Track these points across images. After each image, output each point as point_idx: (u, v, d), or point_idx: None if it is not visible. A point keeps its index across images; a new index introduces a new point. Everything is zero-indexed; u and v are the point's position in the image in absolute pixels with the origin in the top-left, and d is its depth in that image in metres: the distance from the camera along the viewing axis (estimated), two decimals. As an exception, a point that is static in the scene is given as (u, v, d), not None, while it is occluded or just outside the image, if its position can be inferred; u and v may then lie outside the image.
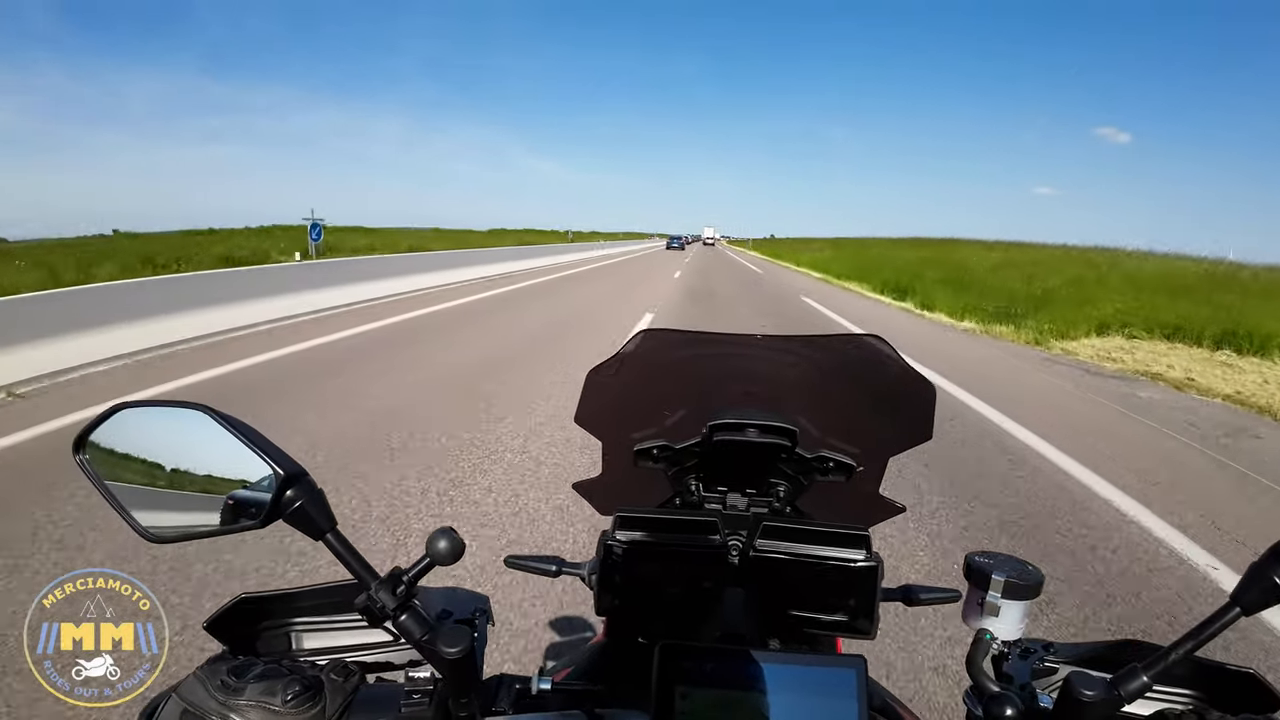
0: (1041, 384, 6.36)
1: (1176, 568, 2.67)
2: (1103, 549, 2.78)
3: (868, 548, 0.57)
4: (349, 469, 3.23)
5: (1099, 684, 0.42)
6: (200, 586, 2.10)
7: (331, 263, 13.00)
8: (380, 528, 2.65)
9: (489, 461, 3.43)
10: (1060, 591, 2.39)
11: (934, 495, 3.24)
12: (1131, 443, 4.44)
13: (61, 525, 2.53)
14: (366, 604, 0.45)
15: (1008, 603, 0.54)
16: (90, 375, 5.19)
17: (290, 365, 5.65)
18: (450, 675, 0.45)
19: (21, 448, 3.50)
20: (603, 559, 0.58)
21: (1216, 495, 3.52)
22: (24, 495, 2.81)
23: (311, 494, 0.45)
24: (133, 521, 0.45)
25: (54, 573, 2.15)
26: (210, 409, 0.45)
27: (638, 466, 0.71)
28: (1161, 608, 2.35)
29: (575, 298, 12.57)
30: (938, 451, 3.80)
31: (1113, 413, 5.27)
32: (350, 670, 0.49)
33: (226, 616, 0.51)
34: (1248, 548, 2.84)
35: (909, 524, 2.87)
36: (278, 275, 9.84)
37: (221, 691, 0.44)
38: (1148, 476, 3.72)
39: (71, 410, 4.11)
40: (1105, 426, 4.82)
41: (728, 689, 0.45)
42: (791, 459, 0.67)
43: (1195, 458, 4.21)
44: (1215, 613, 0.42)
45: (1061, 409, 5.33)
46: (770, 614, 0.58)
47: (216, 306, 7.43)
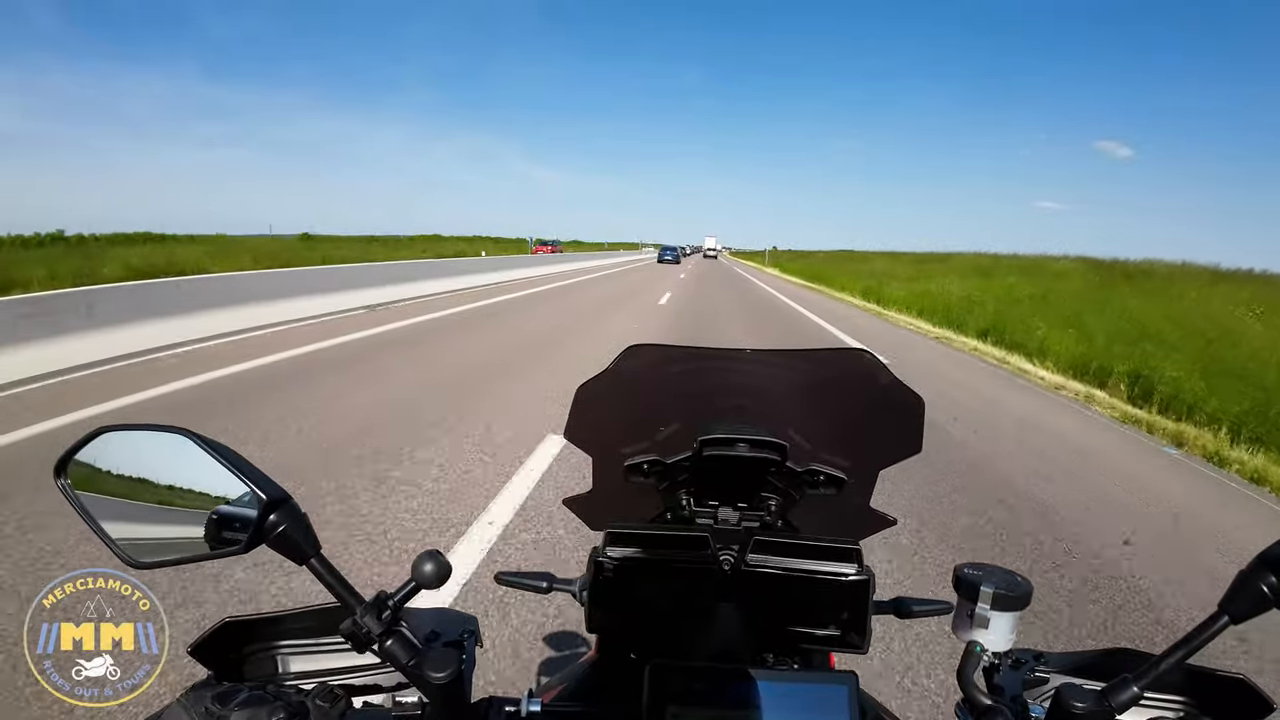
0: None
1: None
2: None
3: (859, 561, 0.57)
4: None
5: (1090, 696, 0.42)
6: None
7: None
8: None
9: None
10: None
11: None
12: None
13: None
14: (352, 629, 0.45)
15: (997, 614, 0.54)
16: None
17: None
18: (438, 700, 0.45)
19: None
20: (593, 575, 0.57)
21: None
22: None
23: (295, 518, 0.45)
24: (114, 546, 0.45)
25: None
26: (192, 433, 0.44)
27: (628, 482, 0.71)
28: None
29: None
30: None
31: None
32: (336, 695, 0.48)
33: (211, 640, 0.51)
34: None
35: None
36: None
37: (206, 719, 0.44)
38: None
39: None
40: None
41: (719, 709, 0.45)
42: (782, 473, 0.67)
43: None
44: (1204, 622, 0.42)
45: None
46: (762, 629, 0.58)
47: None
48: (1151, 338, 9.55)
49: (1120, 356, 8.42)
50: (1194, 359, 8.13)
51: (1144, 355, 8.33)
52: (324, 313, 9.58)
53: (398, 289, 12.69)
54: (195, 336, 7.20)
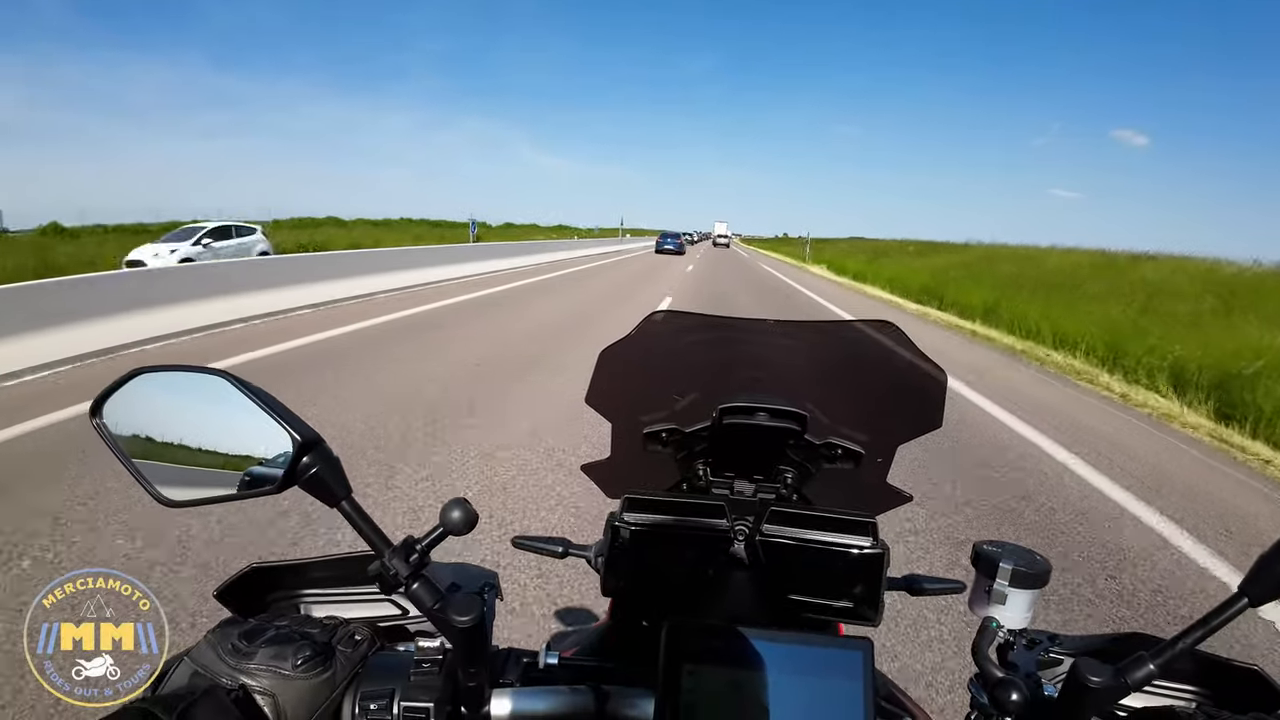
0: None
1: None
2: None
3: (874, 535, 0.57)
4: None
5: (1105, 671, 0.42)
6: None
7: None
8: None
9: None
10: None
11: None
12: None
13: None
14: (380, 571, 0.45)
15: (1015, 591, 0.54)
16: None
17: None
18: (460, 644, 0.45)
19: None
20: (610, 540, 0.58)
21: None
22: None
23: (328, 461, 0.45)
24: (149, 486, 0.45)
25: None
26: (228, 374, 0.45)
27: (646, 450, 0.71)
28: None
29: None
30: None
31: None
32: (360, 639, 0.48)
33: (237, 585, 0.51)
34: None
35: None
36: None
37: (232, 655, 0.44)
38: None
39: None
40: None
41: (734, 667, 0.45)
42: (800, 445, 0.67)
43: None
44: (1222, 604, 0.41)
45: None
46: (775, 599, 0.58)
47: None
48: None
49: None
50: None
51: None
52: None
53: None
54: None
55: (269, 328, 7.40)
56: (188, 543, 2.50)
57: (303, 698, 0.44)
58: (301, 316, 8.26)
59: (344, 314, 8.48)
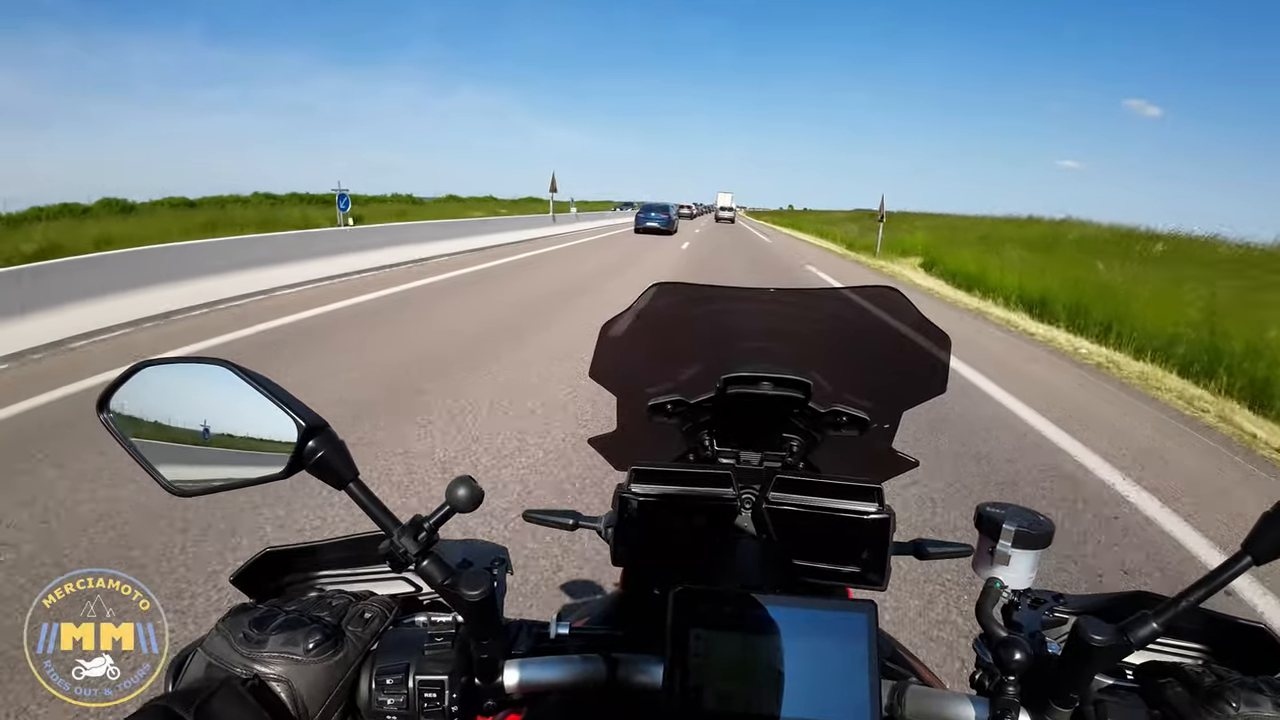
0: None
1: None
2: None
3: (880, 501, 0.58)
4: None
5: (1108, 629, 0.42)
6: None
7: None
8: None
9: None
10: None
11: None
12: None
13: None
14: (390, 550, 0.46)
15: (1018, 552, 0.55)
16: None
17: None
18: (472, 618, 0.46)
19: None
20: (619, 511, 0.59)
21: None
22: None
23: (333, 444, 0.46)
24: (158, 476, 0.46)
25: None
26: (231, 364, 0.46)
27: (652, 422, 0.72)
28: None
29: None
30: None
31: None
32: (370, 616, 0.49)
33: (252, 570, 0.51)
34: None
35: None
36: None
37: (244, 644, 0.45)
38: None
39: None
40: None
41: (742, 631, 0.46)
42: (805, 414, 0.68)
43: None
44: (1226, 562, 0.41)
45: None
46: (782, 565, 0.59)
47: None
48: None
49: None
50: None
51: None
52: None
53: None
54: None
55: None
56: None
57: (317, 680, 0.44)
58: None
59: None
